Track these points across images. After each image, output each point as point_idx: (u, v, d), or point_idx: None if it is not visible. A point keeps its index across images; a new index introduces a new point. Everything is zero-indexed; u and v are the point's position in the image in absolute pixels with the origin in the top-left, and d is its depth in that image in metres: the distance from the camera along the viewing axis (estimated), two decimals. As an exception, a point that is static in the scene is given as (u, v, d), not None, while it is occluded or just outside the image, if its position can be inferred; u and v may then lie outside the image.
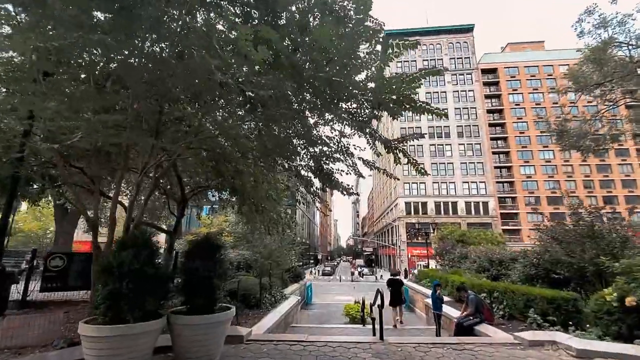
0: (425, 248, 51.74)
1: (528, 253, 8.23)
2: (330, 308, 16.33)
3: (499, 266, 12.78)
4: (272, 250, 13.64)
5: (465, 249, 16.36)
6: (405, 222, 53.12)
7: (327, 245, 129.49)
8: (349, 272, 50.24)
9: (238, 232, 16.97)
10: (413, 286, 15.17)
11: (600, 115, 25.05)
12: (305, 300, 16.25)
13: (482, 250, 14.06)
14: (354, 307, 11.72)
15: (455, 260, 15.31)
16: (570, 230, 7.55)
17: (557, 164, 53.51)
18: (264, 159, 5.92)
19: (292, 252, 17.69)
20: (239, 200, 7.58)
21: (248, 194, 6.74)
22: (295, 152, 5.70)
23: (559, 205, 51.84)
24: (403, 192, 54.56)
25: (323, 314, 14.42)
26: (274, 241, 14.24)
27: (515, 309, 6.72)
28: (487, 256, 13.18)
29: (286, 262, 14.33)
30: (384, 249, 68.27)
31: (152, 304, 3.49)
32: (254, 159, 6.15)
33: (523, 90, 58.91)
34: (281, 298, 9.89)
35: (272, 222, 9.20)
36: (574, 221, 7.82)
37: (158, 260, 3.92)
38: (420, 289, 13.90)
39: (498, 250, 13.22)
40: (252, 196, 7.04)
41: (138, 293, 3.39)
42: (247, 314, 7.41)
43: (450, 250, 16.38)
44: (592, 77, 21.20)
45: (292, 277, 16.17)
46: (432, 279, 14.20)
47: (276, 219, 9.04)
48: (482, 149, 54.31)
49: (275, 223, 9.21)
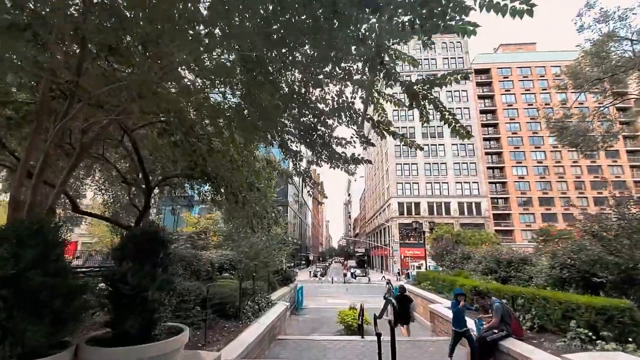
0: (418, 249, 51.33)
1: (557, 252, 7.11)
2: (322, 313, 15.01)
3: (507, 267, 11.71)
4: (259, 251, 12.25)
5: (467, 249, 15.29)
6: (398, 222, 52.29)
7: (318, 246, 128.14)
8: (341, 274, 49.02)
9: (223, 230, 15.52)
10: (413, 290, 13.99)
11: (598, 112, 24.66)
12: (296, 305, 14.90)
13: (487, 251, 12.98)
14: (350, 313, 10.46)
15: (457, 261, 14.21)
16: (613, 224, 6.41)
17: (549, 164, 53.60)
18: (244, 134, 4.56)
19: (282, 252, 16.31)
20: (213, 188, 6.20)
21: (223, 179, 5.37)
22: (283, 125, 4.41)
23: (550, 206, 51.90)
24: (396, 192, 53.75)
25: (315, 320, 13.10)
26: (262, 240, 12.86)
27: (548, 320, 5.55)
28: (494, 257, 12.10)
29: (275, 264, 12.96)
30: (376, 250, 67.34)
31: (38, 333, 2.12)
32: (230, 133, 4.80)
33: (515, 91, 58.99)
34: (266, 305, 8.53)
35: (257, 217, 7.84)
36: (617, 213, 6.70)
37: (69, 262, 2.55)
38: (421, 293, 12.72)
39: (505, 250, 12.15)
40: (229, 183, 5.67)
41: (13, 317, 2.02)
42: (223, 327, 6.04)
43: (451, 251, 15.28)
44: (592, 73, 20.69)
45: (281, 279, 14.80)
46: (433, 281, 13.05)
47: (261, 214, 7.68)
48: (475, 149, 54.01)
49: (261, 218, 7.85)
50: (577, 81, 21.98)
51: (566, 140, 22.85)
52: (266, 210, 9.62)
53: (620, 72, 19.89)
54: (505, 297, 6.66)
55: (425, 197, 53.04)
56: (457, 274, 12.46)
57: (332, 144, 4.47)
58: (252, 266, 11.30)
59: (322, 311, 15.70)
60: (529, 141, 55.46)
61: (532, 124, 56.43)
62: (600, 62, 20.33)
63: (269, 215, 10.14)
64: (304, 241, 76.72)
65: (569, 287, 6.33)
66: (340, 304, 18.75)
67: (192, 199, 11.01)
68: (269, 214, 10.06)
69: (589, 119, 22.96)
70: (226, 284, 9.07)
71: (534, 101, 57.88)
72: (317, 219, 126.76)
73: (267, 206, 9.75)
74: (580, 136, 22.24)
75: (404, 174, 55.06)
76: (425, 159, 55.12)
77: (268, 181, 9.42)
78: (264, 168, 8.17)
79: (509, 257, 11.62)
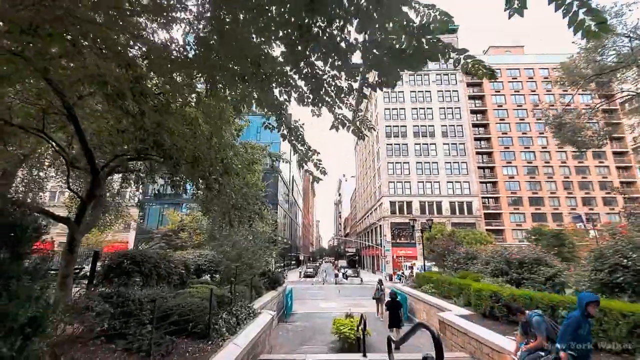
0: (410, 248, 50.59)
1: (605, 251, 5.98)
2: (314, 319, 13.65)
3: (519, 268, 10.64)
4: (242, 250, 10.79)
5: (471, 249, 14.23)
6: (390, 221, 51.46)
7: (309, 246, 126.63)
8: (332, 274, 47.77)
9: (203, 227, 13.97)
10: (413, 293, 12.79)
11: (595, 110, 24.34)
12: (285, 310, 13.49)
13: (495, 250, 11.91)
14: (346, 323, 9.13)
15: (461, 261, 13.11)
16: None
17: (538, 165, 53.87)
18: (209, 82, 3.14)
19: (270, 252, 14.86)
20: (168, 166, 4.76)
21: (182, 152, 3.94)
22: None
23: (540, 206, 52.11)
24: (388, 191, 52.92)
25: (306, 329, 11.72)
26: (246, 239, 11.40)
27: (605, 337, 4.38)
28: (504, 257, 11.01)
29: (260, 265, 11.51)
30: (367, 250, 66.42)
31: None
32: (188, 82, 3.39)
33: (505, 92, 59.22)
34: (248, 316, 7.12)
35: (236, 210, 6.41)
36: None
37: None
38: (425, 297, 11.53)
39: (516, 249, 11.08)
40: (196, 160, 4.24)
41: None
42: (185, 351, 4.60)
43: (453, 250, 14.18)
44: (588, 70, 20.30)
45: (268, 282, 13.34)
46: (437, 283, 11.87)
47: (241, 205, 6.26)
48: (466, 149, 53.79)
49: (240, 209, 6.43)
50: (571, 79, 21.62)
51: (564, 136, 22.33)
52: (247, 201, 8.18)
53: (620, 68, 19.47)
54: (540, 307, 5.46)
55: (417, 196, 52.41)
56: (462, 275, 11.34)
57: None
58: (234, 268, 9.84)
59: (313, 317, 14.33)
60: (519, 142, 55.66)
61: (522, 125, 56.73)
62: (600, 55, 19.88)
63: (251, 207, 8.71)
64: (294, 241, 75.15)
65: (622, 294, 5.21)
66: (333, 308, 17.44)
67: (180, 197, 9.45)
68: (250, 205, 8.63)
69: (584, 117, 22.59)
70: (201, 290, 7.61)
71: (523, 102, 58.25)
72: (308, 218, 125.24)
73: (249, 196, 8.31)
74: (577, 133, 21.78)
75: (395, 172, 54.30)
76: (417, 158, 54.55)
77: (250, 165, 8.01)
78: (245, 148, 6.77)
79: (521, 256, 10.56)
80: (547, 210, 51.17)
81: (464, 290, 9.48)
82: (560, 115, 23.01)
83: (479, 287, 7.72)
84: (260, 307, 9.00)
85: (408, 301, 13.09)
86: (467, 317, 7.58)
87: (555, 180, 52.68)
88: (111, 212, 12.23)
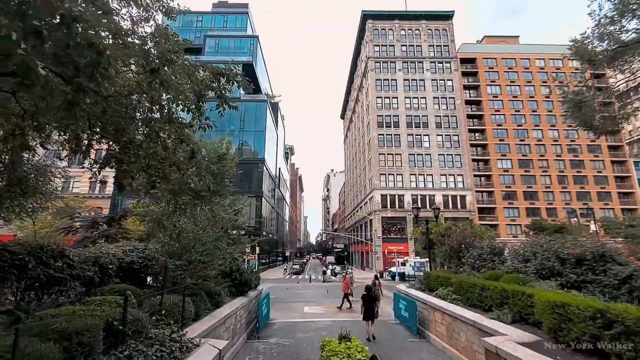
0: (402, 244, 48.13)
1: None
2: (296, 333, 10.50)
3: (576, 267, 7.78)
4: (191, 242, 7.47)
5: (494, 242, 11.36)
6: (380, 216, 48.89)
7: (296, 242, 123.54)
8: (320, 271, 44.82)
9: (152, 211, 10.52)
10: (425, 299, 9.80)
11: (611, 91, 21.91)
12: (258, 322, 10.25)
13: (535, 242, 9.02)
14: (341, 350, 6.02)
15: (487, 258, 10.18)
16: None
17: (533, 158, 52.34)
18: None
19: (240, 245, 11.56)
20: None
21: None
22: None
23: (534, 200, 50.61)
24: (379, 183, 50.25)
25: (284, 355, 8.52)
26: (199, 226, 8.08)
27: None
28: (554, 251, 8.12)
29: (218, 263, 8.16)
30: (356, 246, 63.84)
31: None
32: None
33: (501, 82, 57.35)
34: None
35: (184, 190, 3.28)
36: None
37: None
38: (443, 306, 8.53)
39: (569, 242, 8.21)
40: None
41: None
42: None
43: (472, 244, 11.26)
44: (601, 47, 17.76)
45: (236, 285, 10.07)
46: (458, 287, 8.89)
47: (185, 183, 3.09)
48: (461, 140, 51.71)
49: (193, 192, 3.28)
50: (583, 59, 19.05)
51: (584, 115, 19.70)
52: (201, 173, 5.01)
53: None
54: None
55: (409, 189, 49.99)
56: (493, 276, 8.39)
57: None
58: (172, 268, 6.55)
59: (295, 329, 11.18)
60: (514, 134, 53.98)
61: (517, 117, 55.04)
62: (617, 30, 17.29)
63: (205, 180, 5.48)
64: (280, 236, 71.81)
65: None
66: (321, 314, 14.35)
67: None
68: (204, 177, 5.42)
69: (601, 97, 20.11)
70: (101, 308, 4.34)
71: (519, 93, 56.58)
72: (295, 214, 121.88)
73: (203, 169, 5.13)
74: (596, 114, 19.22)
75: (387, 164, 51.67)
76: (409, 149, 52.10)
77: (197, 109, 4.62)
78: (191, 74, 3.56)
79: (581, 251, 7.67)
80: (541, 205, 49.72)
81: (511, 300, 6.49)
82: (581, 91, 20.39)
83: (561, 300, 4.71)
84: (207, 330, 5.75)
85: (418, 308, 10.10)
86: (547, 353, 4.57)
87: (550, 174, 51.26)
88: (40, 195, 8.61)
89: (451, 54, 56.88)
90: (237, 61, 54.58)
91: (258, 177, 48.64)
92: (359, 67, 66.92)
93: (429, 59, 56.85)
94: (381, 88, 55.56)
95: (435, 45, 57.93)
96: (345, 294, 15.66)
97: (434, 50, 57.79)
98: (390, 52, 58.10)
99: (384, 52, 58.06)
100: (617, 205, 48.52)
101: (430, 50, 57.87)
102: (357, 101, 68.13)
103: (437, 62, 56.60)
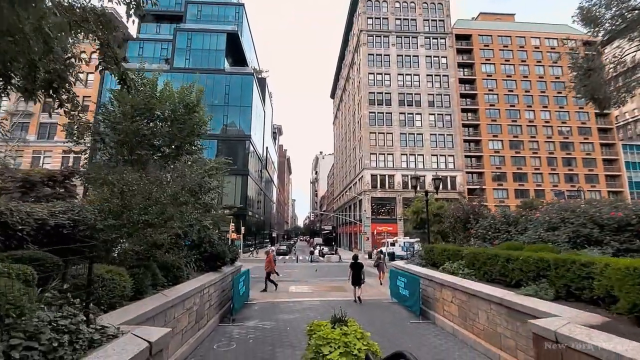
0: (391, 224, 47.49)
1: None
2: (280, 314, 9.01)
3: (618, 233, 6.47)
4: (137, 200, 5.63)
5: (506, 210, 10.02)
6: (370, 196, 47.77)
7: (283, 224, 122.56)
8: (307, 252, 43.84)
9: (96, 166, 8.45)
10: (427, 274, 8.40)
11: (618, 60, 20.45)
12: (233, 303, 8.64)
13: (563, 206, 7.63)
14: (335, 336, 4.52)
15: (501, 228, 8.80)
16: None
17: (524, 139, 51.84)
18: None
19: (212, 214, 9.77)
20: None
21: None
22: None
23: (523, 182, 50.54)
24: (369, 163, 48.78)
25: (263, 340, 7.00)
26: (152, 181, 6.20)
27: None
28: (590, 216, 6.74)
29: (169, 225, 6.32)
30: (344, 227, 63.10)
31: None
32: None
33: (495, 60, 55.79)
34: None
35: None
36: None
37: None
38: (455, 282, 7.12)
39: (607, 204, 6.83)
40: None
41: None
42: None
43: (482, 214, 9.86)
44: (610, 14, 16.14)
45: (205, 258, 8.37)
46: (472, 260, 7.48)
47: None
48: (453, 120, 50.41)
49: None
50: (590, 24, 17.42)
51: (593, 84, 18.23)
52: None
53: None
54: None
55: (400, 169, 48.79)
56: (512, 247, 6.99)
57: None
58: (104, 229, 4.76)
59: (278, 310, 9.69)
60: (506, 114, 53.09)
61: (510, 97, 54.00)
62: None
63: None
64: (268, 218, 70.28)
65: None
66: (308, 294, 12.95)
67: None
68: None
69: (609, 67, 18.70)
70: None
71: (512, 73, 55.31)
72: (283, 196, 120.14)
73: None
74: (603, 86, 17.80)
75: (378, 144, 50.06)
76: (401, 129, 50.49)
77: None
78: None
79: (625, 214, 6.29)
80: (530, 187, 49.72)
81: (553, 271, 5.06)
82: (591, 58, 18.86)
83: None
84: (148, 314, 4.08)
85: (422, 285, 8.72)
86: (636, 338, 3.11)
87: (540, 156, 51.03)
88: None
89: (446, 30, 54.54)
90: (220, 30, 50.36)
91: (244, 155, 46.20)
92: (350, 42, 63.72)
93: (423, 34, 54.38)
94: (374, 63, 53.02)
95: (431, 20, 55.30)
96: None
97: (429, 25, 55.21)
98: (384, 25, 55.18)
99: (377, 25, 55.08)
100: (604, 188, 49.04)
101: (425, 25, 55.25)
102: (348, 79, 65.41)
103: (431, 37, 54.22)
